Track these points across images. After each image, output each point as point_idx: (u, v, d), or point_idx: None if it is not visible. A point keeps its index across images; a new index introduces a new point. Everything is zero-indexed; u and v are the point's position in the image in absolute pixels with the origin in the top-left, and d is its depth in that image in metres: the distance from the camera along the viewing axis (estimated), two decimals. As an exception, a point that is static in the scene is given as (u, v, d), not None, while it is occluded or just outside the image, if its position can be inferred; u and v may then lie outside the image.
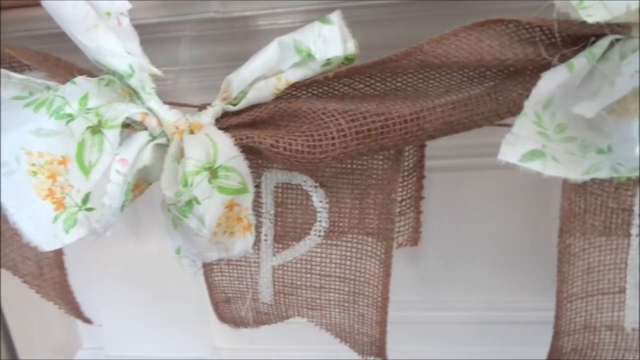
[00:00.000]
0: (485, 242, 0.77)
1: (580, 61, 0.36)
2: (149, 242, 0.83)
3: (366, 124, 0.42)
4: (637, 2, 0.32)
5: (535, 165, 0.36)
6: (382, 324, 0.54)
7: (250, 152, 0.45)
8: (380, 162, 0.48)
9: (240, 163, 0.42)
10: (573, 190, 0.48)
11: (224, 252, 0.45)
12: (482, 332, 0.80)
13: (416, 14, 0.55)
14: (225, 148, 0.42)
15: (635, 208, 0.48)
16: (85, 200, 0.41)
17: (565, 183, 0.48)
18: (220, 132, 0.42)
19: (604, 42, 0.36)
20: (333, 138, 0.42)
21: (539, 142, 0.36)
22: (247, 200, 0.43)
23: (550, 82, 0.36)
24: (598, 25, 0.36)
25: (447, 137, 0.46)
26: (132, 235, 0.82)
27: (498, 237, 0.77)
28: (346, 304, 0.54)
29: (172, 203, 0.42)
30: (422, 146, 0.50)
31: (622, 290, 0.50)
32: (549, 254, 0.54)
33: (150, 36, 0.65)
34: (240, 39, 0.62)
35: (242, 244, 0.44)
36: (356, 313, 0.54)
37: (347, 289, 0.53)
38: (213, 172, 0.41)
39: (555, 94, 0.36)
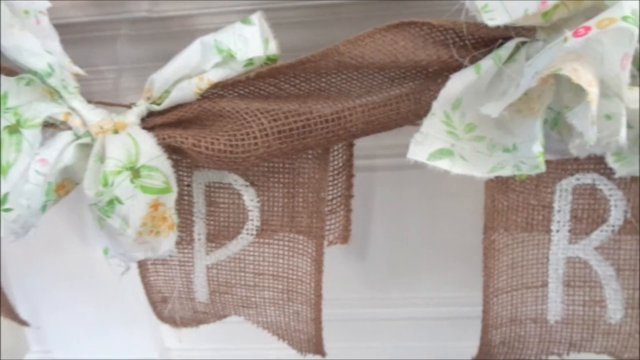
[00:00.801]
0: (430, 239, 0.79)
1: (487, 63, 0.37)
2: (95, 244, 0.82)
3: (288, 124, 0.42)
4: (536, 5, 0.34)
5: (443, 164, 0.37)
6: (317, 321, 0.55)
7: (178, 151, 0.46)
8: (309, 161, 0.49)
9: (164, 162, 0.42)
10: (495, 188, 0.50)
11: (151, 252, 0.45)
12: (428, 328, 0.82)
13: (341, 16, 0.56)
14: (148, 148, 0.42)
15: (555, 205, 0.50)
16: (4, 200, 0.41)
17: (488, 181, 0.50)
18: (143, 132, 0.43)
19: (510, 45, 0.37)
20: (255, 138, 0.42)
21: (447, 141, 0.37)
22: (171, 199, 0.43)
23: (458, 83, 0.37)
24: (505, 28, 0.38)
25: (393, 135, 0.47)
26: (77, 237, 0.81)
27: (443, 234, 0.79)
28: (281, 302, 0.54)
29: (93, 203, 0.41)
30: (351, 145, 0.50)
31: (545, 284, 0.52)
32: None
33: (86, 35, 0.65)
34: (180, 37, 0.62)
35: (167, 243, 0.45)
36: (291, 310, 0.55)
37: (280, 286, 0.53)
38: (135, 171, 0.41)
39: (463, 94, 0.37)
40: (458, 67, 0.40)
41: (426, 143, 0.37)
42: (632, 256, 0.50)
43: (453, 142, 0.37)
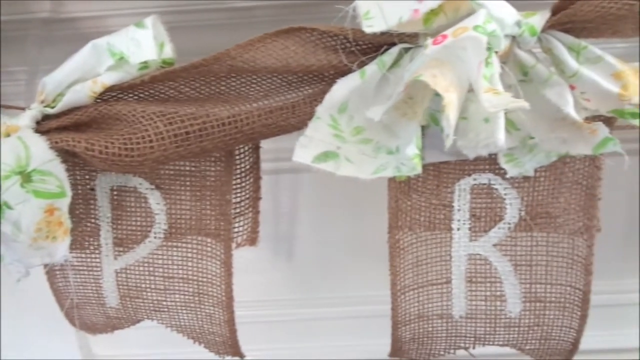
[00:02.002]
0: (357, 238, 0.80)
1: (372, 68, 0.38)
2: None
3: (184, 127, 0.42)
4: (409, 13, 0.35)
5: (327, 166, 0.38)
6: (230, 322, 0.55)
7: (77, 155, 0.45)
8: (213, 164, 0.49)
9: (57, 167, 0.42)
10: (398, 189, 0.51)
11: (48, 257, 0.44)
12: (357, 326, 0.83)
13: (254, 19, 0.57)
14: (39, 152, 0.41)
15: (455, 204, 0.52)
16: None
17: (391, 182, 0.51)
18: (35, 136, 0.42)
19: (393, 51, 0.39)
20: (151, 141, 0.42)
21: (333, 144, 0.38)
22: (65, 204, 0.43)
23: (342, 87, 0.38)
24: (389, 34, 0.39)
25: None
26: None
27: (368, 233, 0.80)
28: (192, 305, 0.54)
29: (-18, 209, 0.40)
30: (257, 148, 0.51)
31: (449, 281, 0.54)
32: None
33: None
34: (93, 39, 0.62)
35: (63, 248, 0.44)
36: (203, 313, 0.55)
37: (191, 289, 0.53)
38: (26, 176, 0.41)
39: (348, 98, 0.38)
40: (347, 72, 0.41)
41: (311, 146, 0.38)
42: (527, 252, 0.52)
43: (339, 144, 0.38)
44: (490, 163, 0.51)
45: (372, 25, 0.36)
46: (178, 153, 0.43)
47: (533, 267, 0.53)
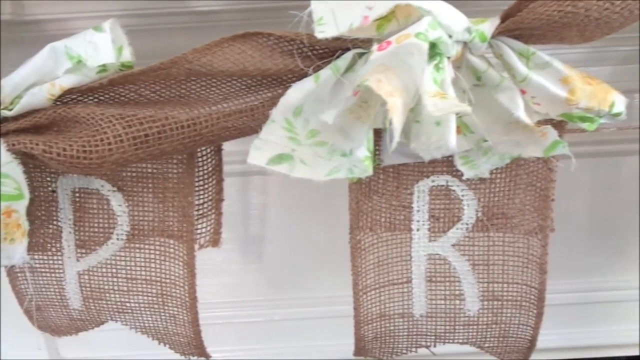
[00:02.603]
0: (325, 239, 0.81)
1: (326, 73, 0.39)
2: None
3: (143, 130, 0.43)
4: (360, 19, 0.36)
5: (282, 168, 0.39)
6: (194, 323, 0.55)
7: (37, 157, 0.45)
8: (175, 166, 0.49)
9: (15, 169, 0.42)
10: (359, 191, 0.52)
11: (7, 260, 0.44)
12: (325, 326, 0.84)
13: (220, 23, 0.58)
14: (-4, 154, 0.41)
15: (414, 205, 0.53)
16: None
17: (351, 184, 0.52)
18: (-7, 138, 0.42)
19: (347, 56, 0.40)
20: (110, 144, 0.42)
21: (288, 147, 0.39)
22: (23, 206, 0.43)
23: (297, 91, 0.39)
24: (343, 40, 0.40)
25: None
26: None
27: (336, 234, 0.81)
28: (156, 306, 0.55)
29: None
30: (219, 150, 0.52)
31: (409, 281, 0.55)
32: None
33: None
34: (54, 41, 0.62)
35: (21, 249, 0.44)
36: (167, 315, 0.55)
37: (154, 291, 0.54)
38: (-18, 178, 0.41)
39: (303, 102, 0.39)
40: (304, 76, 0.42)
41: (265, 148, 0.39)
42: (484, 252, 0.54)
43: (294, 147, 0.39)
44: (447, 165, 0.52)
45: (324, 30, 0.37)
46: (137, 155, 0.43)
47: (490, 266, 0.55)
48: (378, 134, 0.51)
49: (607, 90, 0.45)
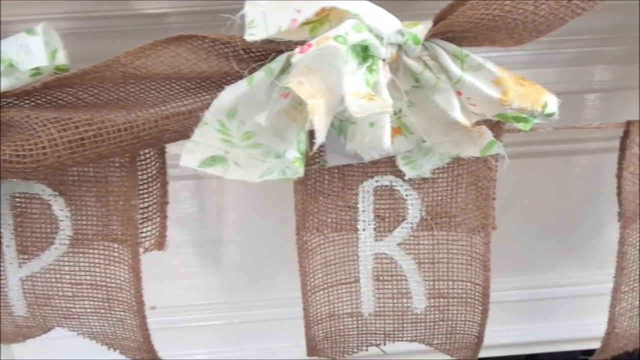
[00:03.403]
0: (283, 241, 0.81)
1: (259, 75, 0.40)
2: None
3: (79, 133, 0.43)
4: (288, 22, 0.37)
5: (215, 170, 0.39)
6: (143, 327, 0.55)
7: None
8: (118, 170, 0.49)
9: (-53, 174, 0.41)
10: (304, 192, 0.53)
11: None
12: (286, 328, 0.84)
13: (167, 26, 0.58)
14: None
15: (359, 206, 0.54)
16: None
17: (297, 185, 0.53)
18: None
19: (281, 58, 0.40)
20: (44, 147, 0.42)
21: (221, 149, 0.39)
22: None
23: (230, 93, 0.39)
24: (277, 42, 0.41)
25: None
26: None
27: (294, 236, 0.82)
28: (103, 311, 0.54)
29: None
30: (162, 153, 0.51)
31: (357, 280, 0.56)
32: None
33: None
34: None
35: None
36: (114, 319, 0.55)
37: (100, 295, 0.53)
38: None
39: (237, 104, 0.39)
40: (240, 78, 0.42)
41: (198, 151, 0.39)
42: (429, 250, 0.55)
43: (228, 149, 0.39)
44: (391, 166, 0.53)
45: (254, 33, 0.37)
46: (73, 159, 0.43)
47: (435, 264, 0.55)
48: (321, 136, 0.52)
49: (539, 91, 0.47)
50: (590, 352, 0.68)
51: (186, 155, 0.39)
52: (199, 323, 0.83)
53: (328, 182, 0.53)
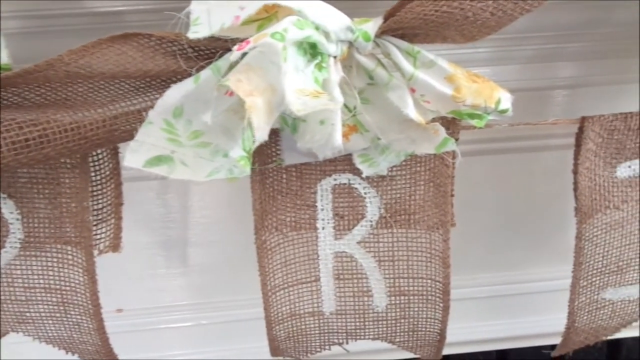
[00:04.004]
0: (249, 241, 0.81)
1: (206, 73, 0.39)
2: None
3: (23, 134, 0.42)
4: (231, 19, 0.36)
5: (161, 170, 0.38)
6: (100, 331, 0.54)
7: None
8: (68, 171, 0.48)
9: None
10: (262, 191, 0.52)
11: None
12: (253, 328, 0.83)
13: (121, 24, 0.57)
14: None
15: (318, 204, 0.54)
16: None
17: (254, 184, 0.52)
18: None
19: (228, 56, 0.39)
20: (-14, 149, 0.41)
21: (167, 148, 0.39)
22: None
23: (175, 92, 0.39)
24: (224, 40, 0.40)
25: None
26: None
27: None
28: (58, 315, 0.53)
29: None
30: (116, 153, 0.51)
31: (317, 279, 0.56)
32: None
33: None
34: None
35: None
36: (70, 323, 0.54)
37: (54, 299, 0.52)
38: None
39: (183, 103, 0.39)
40: (189, 76, 0.41)
41: (142, 150, 0.38)
42: (389, 248, 0.55)
43: (174, 148, 0.39)
44: (348, 163, 0.53)
45: (198, 31, 0.37)
46: (18, 161, 0.42)
47: (395, 262, 0.55)
48: (277, 134, 0.52)
49: (492, 88, 0.47)
50: (555, 347, 0.69)
51: (130, 156, 0.38)
52: (167, 325, 0.82)
53: (286, 181, 0.53)
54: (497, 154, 0.77)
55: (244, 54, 0.39)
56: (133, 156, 0.38)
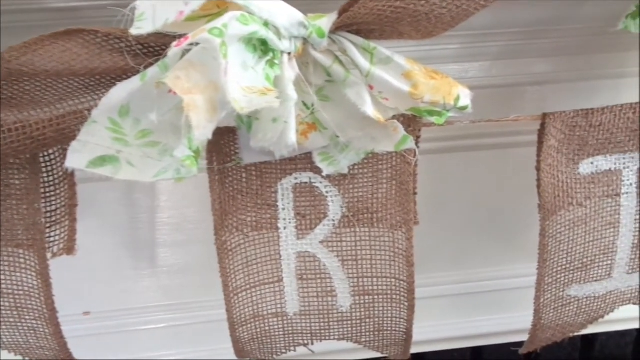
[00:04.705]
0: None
1: (153, 70, 0.38)
2: None
3: (-36, 134, 0.40)
4: (175, 15, 0.35)
5: (105, 171, 0.37)
6: (57, 335, 0.53)
7: None
8: (17, 172, 0.47)
9: None
10: (222, 191, 0.51)
11: None
12: (224, 329, 0.83)
13: (71, 22, 0.55)
14: None
15: (279, 204, 0.53)
16: None
17: (213, 184, 0.51)
18: None
19: (176, 53, 0.38)
20: None
21: (112, 148, 0.38)
22: None
23: (120, 90, 0.37)
24: (172, 37, 0.39)
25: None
26: None
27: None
28: (12, 320, 0.52)
29: None
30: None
31: (280, 280, 0.55)
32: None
33: None
34: None
35: None
36: (26, 328, 0.52)
37: (7, 304, 0.51)
38: None
39: (129, 101, 0.38)
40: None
41: (85, 151, 0.37)
42: (352, 247, 0.54)
43: (120, 148, 0.38)
44: (309, 162, 0.52)
45: (141, 27, 0.36)
46: (-40, 161, 0.41)
47: (359, 261, 0.55)
48: (235, 133, 0.51)
49: (451, 84, 0.46)
50: (522, 344, 0.69)
51: (72, 156, 0.37)
52: (137, 327, 0.80)
53: (246, 180, 0.52)
54: (467, 151, 0.77)
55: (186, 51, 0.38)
56: (75, 157, 0.37)
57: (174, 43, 0.32)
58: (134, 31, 0.35)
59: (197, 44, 0.32)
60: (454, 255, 0.80)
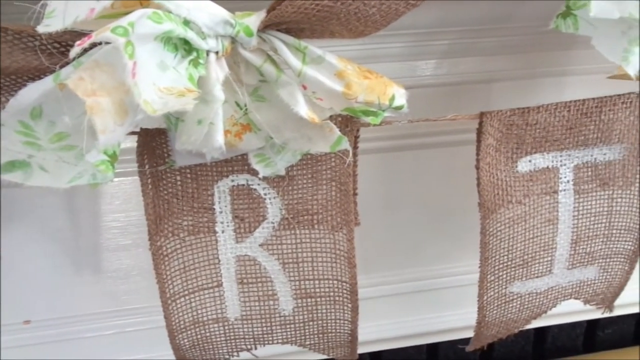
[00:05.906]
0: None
1: (67, 70, 0.36)
2: None
3: None
4: (85, 12, 0.33)
5: (15, 177, 0.35)
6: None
7: None
8: None
9: None
10: (155, 195, 0.50)
11: None
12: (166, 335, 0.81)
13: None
14: None
15: (216, 207, 0.51)
16: None
17: (145, 188, 0.50)
18: None
19: (93, 52, 0.37)
20: None
21: (23, 153, 0.36)
22: None
23: (33, 91, 0.35)
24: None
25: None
26: None
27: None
28: None
29: None
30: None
31: (220, 284, 0.54)
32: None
33: None
34: None
35: None
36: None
37: None
38: None
39: (41, 103, 0.36)
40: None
41: (-9, 156, 0.35)
42: (293, 250, 0.53)
43: (32, 152, 0.36)
44: (245, 164, 0.51)
45: (50, 24, 0.34)
46: None
47: (300, 264, 0.54)
48: (166, 134, 0.49)
49: (386, 84, 0.45)
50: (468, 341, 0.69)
51: (-25, 162, 0.35)
52: (81, 335, 0.78)
53: (181, 183, 0.50)
54: (418, 149, 0.77)
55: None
56: (-22, 162, 0.35)
57: (77, 42, 0.31)
58: (41, 29, 0.33)
59: (103, 42, 0.30)
60: (407, 253, 0.80)
